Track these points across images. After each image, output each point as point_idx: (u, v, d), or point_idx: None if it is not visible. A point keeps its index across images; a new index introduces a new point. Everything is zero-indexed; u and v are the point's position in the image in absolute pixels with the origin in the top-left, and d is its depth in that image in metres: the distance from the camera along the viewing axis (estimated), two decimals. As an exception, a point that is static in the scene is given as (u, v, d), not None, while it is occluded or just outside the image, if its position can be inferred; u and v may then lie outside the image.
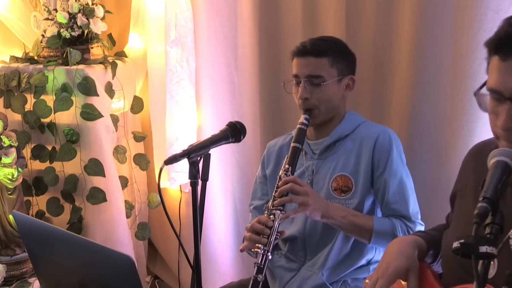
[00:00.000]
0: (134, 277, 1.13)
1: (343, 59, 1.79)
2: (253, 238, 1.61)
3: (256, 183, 1.96)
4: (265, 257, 1.57)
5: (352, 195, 1.74)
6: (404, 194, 1.72)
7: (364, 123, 1.83)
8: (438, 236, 1.38)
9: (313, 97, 1.74)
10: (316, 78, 1.73)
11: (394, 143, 1.75)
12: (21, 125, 2.36)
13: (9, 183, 2.06)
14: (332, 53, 1.75)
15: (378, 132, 1.75)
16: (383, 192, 1.72)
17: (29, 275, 2.11)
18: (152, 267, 3.00)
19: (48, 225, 1.37)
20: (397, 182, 1.71)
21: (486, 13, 1.81)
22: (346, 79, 1.80)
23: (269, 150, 1.95)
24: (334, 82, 1.75)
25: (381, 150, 1.73)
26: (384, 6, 2.08)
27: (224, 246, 2.64)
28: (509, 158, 1.01)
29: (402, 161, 1.76)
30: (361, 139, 1.77)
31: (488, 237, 0.89)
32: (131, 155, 2.61)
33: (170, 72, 2.49)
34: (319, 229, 1.76)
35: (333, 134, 1.80)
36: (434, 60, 1.99)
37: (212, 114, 2.55)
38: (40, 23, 2.47)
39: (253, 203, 1.94)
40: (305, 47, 1.76)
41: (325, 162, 1.79)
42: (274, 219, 1.61)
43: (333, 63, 1.75)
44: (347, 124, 1.81)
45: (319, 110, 1.75)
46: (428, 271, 1.29)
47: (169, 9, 2.43)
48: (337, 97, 1.78)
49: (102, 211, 2.38)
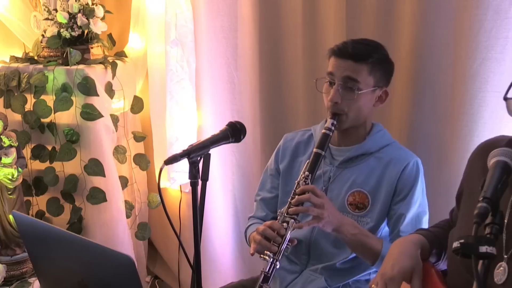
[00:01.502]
0: (134, 277, 1.13)
1: (383, 68, 1.71)
2: (263, 243, 1.57)
3: (266, 174, 1.91)
4: (273, 266, 1.54)
5: (367, 213, 1.70)
6: (417, 226, 1.68)
7: (393, 143, 1.77)
8: (440, 234, 1.37)
9: (343, 103, 1.66)
10: (352, 82, 1.65)
11: (421, 174, 1.71)
12: (21, 125, 2.36)
13: (9, 183, 2.06)
14: (373, 60, 1.66)
15: (409, 160, 1.70)
16: (397, 220, 1.68)
17: (29, 275, 2.11)
18: (152, 267, 3.00)
19: (48, 225, 1.37)
20: (414, 214, 1.67)
21: (486, 13, 1.81)
22: (380, 91, 1.72)
23: (285, 144, 1.88)
24: (368, 91, 1.67)
25: (407, 178, 1.68)
26: (384, 6, 2.08)
27: (225, 246, 2.64)
28: (509, 158, 1.01)
29: (423, 193, 1.72)
30: (388, 161, 1.71)
31: (488, 237, 0.89)
32: (131, 155, 2.61)
33: (170, 72, 2.49)
34: (327, 238, 1.72)
35: (359, 147, 1.74)
36: (434, 60, 1.99)
37: (212, 114, 2.55)
38: (40, 23, 2.47)
39: (261, 194, 1.90)
40: (346, 48, 1.67)
41: (344, 172, 1.74)
42: (287, 227, 1.57)
43: (372, 71, 1.67)
44: (375, 141, 1.75)
45: (347, 116, 1.68)
46: (432, 270, 1.28)
47: (169, 9, 2.43)
48: (367, 108, 1.71)
49: (102, 211, 2.38)
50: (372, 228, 1.70)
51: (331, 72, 1.69)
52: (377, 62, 1.68)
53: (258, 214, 1.90)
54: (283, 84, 2.35)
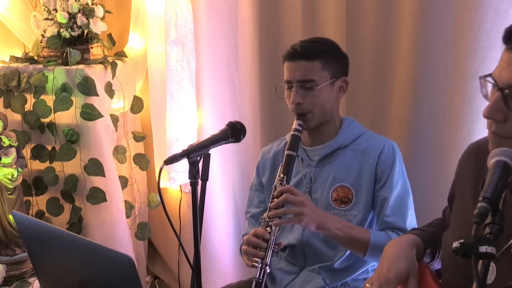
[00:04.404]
0: (134, 277, 1.13)
1: (335, 60, 1.74)
2: (249, 251, 1.59)
3: (251, 190, 1.93)
4: (263, 271, 1.55)
5: (353, 206, 1.71)
6: (402, 207, 1.69)
7: (366, 133, 1.79)
8: (434, 233, 1.37)
9: (305, 102, 1.69)
10: (308, 83, 1.68)
11: (398, 156, 1.72)
12: (21, 125, 2.36)
13: (9, 183, 2.06)
14: (323, 55, 1.70)
15: (383, 145, 1.72)
16: (381, 205, 1.69)
17: (29, 275, 2.11)
18: (152, 267, 3.00)
19: (48, 225, 1.37)
20: (397, 196, 1.69)
21: (486, 13, 1.81)
22: (339, 81, 1.75)
23: (263, 158, 1.91)
24: (327, 85, 1.70)
25: (384, 163, 1.70)
26: (384, 7, 2.08)
27: (224, 246, 2.64)
28: (509, 158, 1.01)
29: (404, 175, 1.73)
30: (364, 150, 1.73)
31: (488, 237, 0.89)
32: (131, 155, 2.61)
33: (171, 72, 2.49)
34: (318, 238, 1.73)
35: (333, 143, 1.76)
36: (434, 60, 1.99)
37: (212, 114, 2.55)
38: (40, 23, 2.47)
39: (250, 211, 1.91)
40: (295, 50, 1.71)
41: (323, 170, 1.76)
42: (271, 231, 1.58)
43: (325, 65, 1.70)
44: (347, 134, 1.77)
45: (312, 114, 1.71)
46: (427, 271, 1.28)
47: (169, 9, 2.43)
48: (330, 100, 1.73)
49: (102, 211, 2.38)
50: (361, 220, 1.71)
51: (287, 79, 1.73)
52: (329, 56, 1.71)
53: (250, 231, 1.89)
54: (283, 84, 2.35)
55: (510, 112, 1.05)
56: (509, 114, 1.05)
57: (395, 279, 1.21)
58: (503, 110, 1.05)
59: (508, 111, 1.05)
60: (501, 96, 1.05)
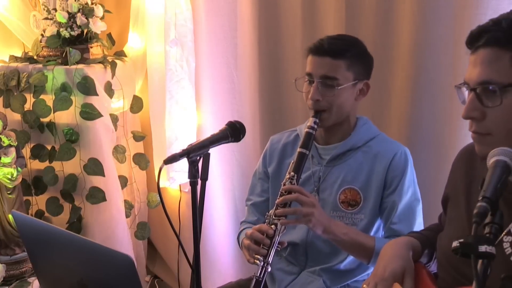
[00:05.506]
0: (134, 277, 1.13)
1: (361, 62, 1.69)
2: (252, 247, 1.56)
3: (255, 178, 1.89)
4: (265, 270, 1.52)
5: (360, 210, 1.69)
6: (410, 216, 1.67)
7: (379, 136, 1.75)
8: (431, 236, 1.38)
9: (324, 100, 1.65)
10: (330, 80, 1.64)
11: (410, 163, 1.69)
12: (21, 124, 2.36)
13: (8, 182, 2.06)
14: (350, 55, 1.65)
15: (396, 151, 1.69)
16: (389, 212, 1.66)
17: (29, 274, 2.11)
18: (152, 266, 3.00)
19: (48, 225, 1.37)
20: (406, 204, 1.66)
21: (486, 13, 1.81)
22: (361, 84, 1.70)
23: (272, 146, 1.86)
24: (348, 86, 1.65)
25: (396, 169, 1.67)
26: (384, 6, 2.08)
27: (224, 245, 2.64)
28: (509, 158, 1.01)
29: (414, 183, 1.71)
30: (375, 154, 1.70)
31: (487, 237, 0.89)
32: (130, 155, 2.61)
33: (170, 71, 2.49)
34: (323, 239, 1.69)
35: (345, 143, 1.72)
36: (434, 60, 1.99)
37: (212, 113, 2.55)
38: (40, 23, 2.47)
39: (252, 199, 1.88)
40: (322, 45, 1.66)
41: (333, 170, 1.72)
42: (275, 229, 1.55)
43: (350, 66, 1.65)
44: (360, 135, 1.73)
45: (329, 113, 1.66)
46: (424, 271, 1.29)
47: (169, 9, 2.43)
48: (349, 102, 1.69)
49: (102, 210, 2.38)
50: (367, 224, 1.69)
51: (309, 72, 1.68)
52: (355, 56, 1.67)
53: (249, 219, 1.88)
54: (283, 84, 2.35)
55: (486, 108, 1.10)
56: (486, 110, 1.11)
57: (391, 278, 1.23)
58: (479, 108, 1.11)
59: (484, 107, 1.11)
60: (475, 95, 1.11)
